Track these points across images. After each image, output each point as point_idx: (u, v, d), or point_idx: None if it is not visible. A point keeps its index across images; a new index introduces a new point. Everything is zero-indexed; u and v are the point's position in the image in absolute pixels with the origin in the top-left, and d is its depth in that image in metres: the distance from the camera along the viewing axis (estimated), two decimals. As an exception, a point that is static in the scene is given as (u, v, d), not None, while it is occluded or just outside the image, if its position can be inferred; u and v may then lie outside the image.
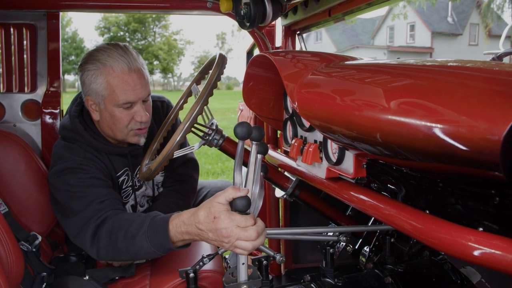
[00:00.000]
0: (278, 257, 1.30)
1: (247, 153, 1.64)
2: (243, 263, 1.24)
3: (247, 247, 1.25)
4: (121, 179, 1.86)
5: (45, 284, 1.62)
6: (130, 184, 1.90)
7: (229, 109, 17.13)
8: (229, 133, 1.51)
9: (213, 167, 7.32)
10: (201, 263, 1.36)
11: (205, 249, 1.82)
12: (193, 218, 1.33)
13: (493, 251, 0.75)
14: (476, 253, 0.77)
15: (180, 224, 1.39)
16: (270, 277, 1.33)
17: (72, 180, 1.67)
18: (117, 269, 1.73)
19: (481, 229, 0.99)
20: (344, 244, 1.65)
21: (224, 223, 1.25)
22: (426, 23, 31.62)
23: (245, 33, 2.27)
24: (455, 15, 32.49)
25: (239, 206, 1.22)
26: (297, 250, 2.44)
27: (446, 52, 30.70)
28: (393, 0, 1.56)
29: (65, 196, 1.68)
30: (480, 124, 0.67)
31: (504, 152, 0.64)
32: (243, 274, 1.25)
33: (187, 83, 1.86)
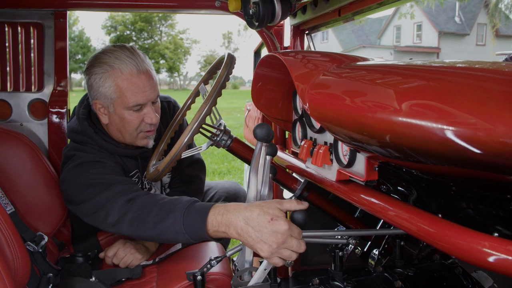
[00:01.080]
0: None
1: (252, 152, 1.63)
2: (265, 269, 1.23)
3: (291, 256, 1.24)
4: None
5: (51, 285, 1.61)
6: (140, 186, 1.90)
7: (235, 109, 17.15)
8: (235, 132, 1.50)
9: (219, 166, 7.33)
10: (208, 266, 1.35)
11: (213, 251, 1.81)
12: (243, 211, 1.28)
13: (508, 257, 0.73)
14: (491, 259, 0.75)
15: (223, 211, 1.33)
16: (278, 279, 1.32)
17: (93, 170, 1.64)
18: (124, 271, 1.72)
19: (496, 234, 0.98)
20: (352, 247, 1.64)
21: (282, 228, 1.22)
22: (433, 23, 31.50)
23: (251, 32, 2.26)
24: (462, 15, 32.34)
25: (299, 219, 1.21)
26: (305, 252, 2.41)
27: (453, 52, 30.57)
28: (404, 0, 1.54)
29: (85, 182, 1.62)
30: (497, 127, 0.65)
31: (522, 156, 0.62)
32: (260, 279, 1.24)
33: (193, 82, 1.85)
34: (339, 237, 1.55)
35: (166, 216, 1.42)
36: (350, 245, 1.62)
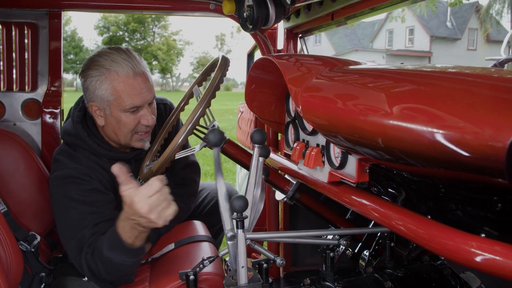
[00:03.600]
0: (278, 260, 1.30)
1: (248, 156, 1.65)
2: (242, 266, 1.24)
3: (167, 209, 1.36)
4: None
5: (43, 284, 1.62)
6: None
7: (228, 111, 17.13)
8: (227, 134, 1.52)
9: (211, 168, 7.32)
10: (201, 266, 1.36)
11: (205, 251, 1.82)
12: (123, 215, 1.43)
13: (495, 257, 0.75)
14: (478, 259, 0.77)
15: (121, 224, 1.46)
16: (270, 280, 1.33)
17: (72, 191, 1.66)
18: None
19: (483, 235, 1.00)
20: (343, 248, 1.65)
21: (138, 204, 1.33)
22: (425, 27, 31.73)
23: (244, 35, 2.30)
24: (454, 19, 32.61)
25: (237, 207, 1.22)
26: (296, 253, 2.44)
27: (444, 57, 30.80)
28: (396, 5, 1.57)
29: (63, 206, 1.67)
30: (485, 131, 0.67)
31: (509, 159, 0.64)
32: (243, 277, 1.25)
33: (186, 84, 1.87)
34: (330, 237, 1.57)
35: (108, 261, 1.50)
36: (341, 246, 1.63)
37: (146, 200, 1.33)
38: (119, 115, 1.70)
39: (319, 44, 37.47)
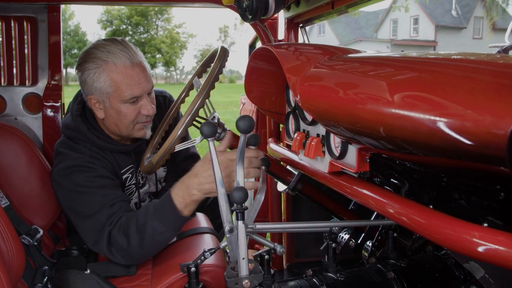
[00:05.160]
0: (278, 248, 1.29)
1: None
2: (243, 258, 1.23)
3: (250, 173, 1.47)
4: (124, 176, 1.86)
5: (46, 278, 1.62)
6: (134, 182, 1.90)
7: (232, 103, 17.11)
8: (231, 126, 1.51)
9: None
10: (202, 258, 1.35)
11: (207, 243, 1.81)
12: (190, 173, 1.55)
13: (497, 247, 0.74)
14: (480, 249, 0.76)
15: (179, 185, 1.55)
16: (272, 271, 1.33)
17: (81, 179, 1.67)
18: (119, 268, 1.71)
19: (485, 224, 0.98)
20: (346, 238, 1.65)
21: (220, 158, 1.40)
22: (430, 16, 31.48)
23: (247, 27, 2.27)
24: (459, 8, 32.31)
25: (237, 198, 1.21)
26: (299, 244, 2.44)
27: (450, 46, 30.57)
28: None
29: (74, 196, 1.68)
30: (486, 118, 0.65)
31: (511, 146, 0.62)
32: (243, 268, 1.24)
33: (190, 77, 1.85)
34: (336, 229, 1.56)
35: (144, 229, 1.56)
36: (343, 237, 1.63)
37: (225, 160, 1.48)
38: (118, 106, 1.70)
39: (323, 35, 37.33)
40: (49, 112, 2.24)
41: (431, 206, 1.13)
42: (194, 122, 1.56)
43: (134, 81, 1.67)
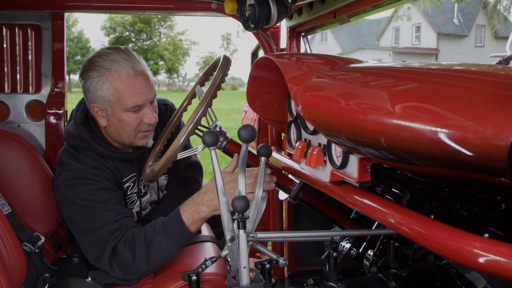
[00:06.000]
0: (281, 260, 1.29)
1: (251, 155, 1.64)
2: (244, 267, 1.23)
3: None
4: (126, 185, 1.86)
5: (47, 285, 1.62)
6: (136, 190, 1.90)
7: (234, 110, 17.13)
8: (233, 134, 1.51)
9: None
10: (203, 266, 1.35)
11: (208, 252, 1.81)
12: (200, 191, 1.59)
13: (499, 258, 0.74)
14: (481, 260, 0.76)
15: (188, 203, 1.58)
16: (273, 280, 1.33)
17: (83, 192, 1.67)
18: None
19: (486, 235, 0.98)
20: (348, 247, 1.64)
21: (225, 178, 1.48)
22: (432, 25, 31.54)
23: (250, 34, 2.27)
24: (461, 16, 32.37)
25: (238, 207, 1.21)
26: (301, 253, 2.43)
27: (452, 54, 30.59)
28: (399, 2, 1.55)
29: (76, 209, 1.68)
30: (486, 129, 0.65)
31: (511, 157, 0.62)
32: (245, 277, 1.24)
33: (192, 84, 1.87)
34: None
35: (152, 244, 1.58)
36: (345, 246, 1.62)
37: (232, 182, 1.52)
38: (121, 115, 1.70)
39: (325, 43, 37.41)
40: (52, 120, 2.25)
41: (432, 216, 1.14)
42: (196, 131, 1.56)
43: (136, 90, 1.67)
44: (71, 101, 2.33)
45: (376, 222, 1.63)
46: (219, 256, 1.37)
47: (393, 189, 1.41)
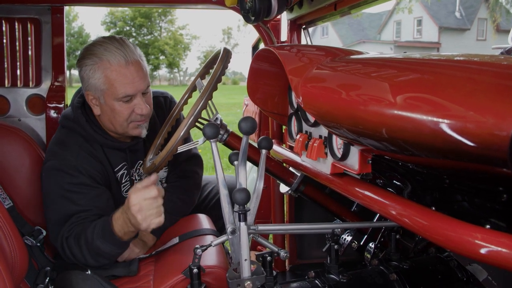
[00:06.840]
0: (282, 253, 1.29)
1: (252, 148, 1.64)
2: (245, 259, 1.23)
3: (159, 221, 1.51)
4: (119, 173, 1.86)
5: (48, 278, 1.62)
6: (128, 179, 1.90)
7: (235, 104, 17.10)
8: (235, 128, 1.51)
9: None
10: (198, 256, 1.35)
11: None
12: (122, 207, 1.55)
13: (500, 249, 0.73)
14: (483, 251, 0.76)
15: (120, 215, 1.56)
16: (274, 273, 1.33)
17: (61, 182, 1.71)
18: (120, 268, 1.71)
19: (488, 226, 0.98)
20: (349, 240, 1.64)
21: (132, 201, 1.47)
22: (434, 18, 31.41)
23: (251, 28, 2.26)
24: (462, 9, 32.23)
25: (239, 199, 1.21)
26: (302, 246, 2.43)
27: (453, 47, 30.49)
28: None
29: (53, 195, 1.72)
30: (488, 119, 0.65)
31: (513, 148, 0.62)
32: (246, 270, 1.24)
33: (193, 78, 1.86)
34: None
35: (92, 245, 1.60)
36: (346, 239, 1.62)
37: (140, 201, 1.47)
38: (112, 104, 1.71)
39: (326, 36, 37.31)
40: (53, 113, 2.25)
41: (433, 208, 1.13)
42: (197, 124, 1.56)
43: (127, 80, 1.68)
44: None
45: (377, 215, 1.63)
46: (209, 245, 1.36)
47: (394, 181, 1.41)
